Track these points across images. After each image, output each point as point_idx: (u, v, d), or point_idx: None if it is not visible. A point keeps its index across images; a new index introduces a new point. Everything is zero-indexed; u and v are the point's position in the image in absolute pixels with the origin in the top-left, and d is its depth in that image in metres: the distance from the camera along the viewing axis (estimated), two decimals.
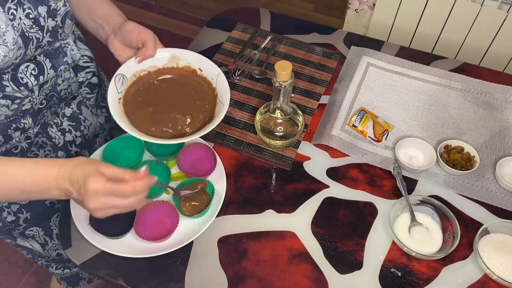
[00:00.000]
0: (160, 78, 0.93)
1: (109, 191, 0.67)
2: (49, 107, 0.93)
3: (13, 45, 0.73)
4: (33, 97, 0.86)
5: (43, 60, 0.85)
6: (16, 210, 0.96)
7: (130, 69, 0.90)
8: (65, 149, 1.02)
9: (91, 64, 1.02)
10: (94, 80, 1.05)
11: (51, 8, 0.79)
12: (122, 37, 0.88)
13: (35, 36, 0.78)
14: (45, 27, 0.80)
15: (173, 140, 0.82)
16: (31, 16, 0.76)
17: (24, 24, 0.75)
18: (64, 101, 0.98)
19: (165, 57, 0.92)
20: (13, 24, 0.73)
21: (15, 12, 0.73)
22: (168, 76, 0.93)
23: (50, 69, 0.87)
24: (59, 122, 1.00)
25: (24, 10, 0.75)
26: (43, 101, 0.90)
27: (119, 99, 0.87)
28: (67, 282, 1.37)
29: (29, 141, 0.93)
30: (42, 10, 0.78)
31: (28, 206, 0.98)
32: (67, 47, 0.90)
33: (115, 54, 0.90)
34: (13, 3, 0.73)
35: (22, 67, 0.82)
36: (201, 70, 0.93)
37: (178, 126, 0.87)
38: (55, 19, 0.81)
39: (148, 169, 0.71)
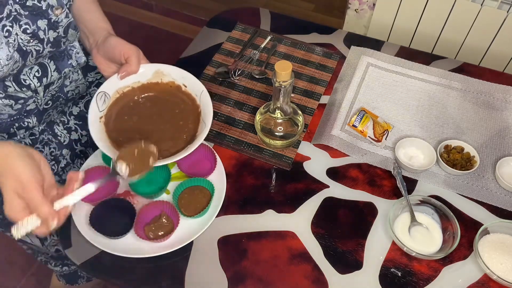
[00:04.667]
0: (144, 95, 0.91)
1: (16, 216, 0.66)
2: (55, 107, 0.93)
3: (7, 61, 0.73)
4: (38, 98, 0.86)
5: (47, 63, 0.85)
6: None
7: (113, 85, 0.88)
8: (70, 147, 1.02)
9: None
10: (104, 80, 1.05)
11: (52, 20, 0.78)
12: (105, 52, 0.86)
13: (34, 49, 0.78)
14: (45, 39, 0.79)
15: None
16: (28, 31, 0.75)
17: (21, 39, 0.75)
18: (71, 101, 0.98)
19: (149, 72, 0.90)
20: (8, 41, 0.73)
21: (10, 29, 0.73)
22: (152, 93, 0.91)
23: (54, 71, 0.86)
24: (66, 120, 1.00)
25: (20, 26, 0.74)
26: (49, 102, 0.90)
27: (100, 117, 0.85)
28: (66, 280, 1.37)
29: (33, 137, 0.93)
30: (42, 23, 0.77)
31: None
32: (73, 50, 0.89)
33: (99, 68, 0.88)
34: (8, 20, 0.72)
35: (26, 69, 0.82)
36: (185, 86, 0.91)
37: (160, 148, 0.84)
38: (57, 31, 0.81)
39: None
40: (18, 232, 0.65)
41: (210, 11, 2.49)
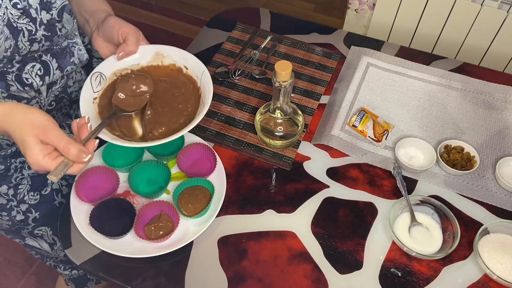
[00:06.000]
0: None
1: (46, 163, 0.65)
2: (59, 109, 0.92)
3: None
4: (41, 98, 0.85)
5: (49, 60, 0.84)
6: (25, 210, 0.96)
7: (110, 67, 0.85)
8: None
9: None
10: None
11: (44, 0, 0.77)
12: (104, 33, 0.84)
13: (25, 28, 0.75)
14: (38, 19, 0.77)
15: (142, 144, 0.78)
16: (19, 6, 0.73)
17: (11, 14, 0.72)
18: (76, 103, 0.97)
19: (148, 54, 0.87)
20: None
21: (0, 1, 0.71)
22: (152, 76, 0.88)
23: (56, 69, 0.85)
24: (71, 123, 0.99)
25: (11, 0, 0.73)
26: (52, 103, 0.89)
27: (94, 98, 0.83)
28: (75, 284, 1.36)
29: None
30: (34, 1, 0.75)
31: (37, 205, 0.97)
32: (75, 47, 0.88)
33: (99, 52, 0.86)
34: None
35: (28, 67, 0.81)
36: (186, 68, 0.89)
37: (150, 133, 0.83)
38: (50, 12, 0.79)
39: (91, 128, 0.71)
40: (56, 177, 0.64)
41: (210, 11, 2.49)
